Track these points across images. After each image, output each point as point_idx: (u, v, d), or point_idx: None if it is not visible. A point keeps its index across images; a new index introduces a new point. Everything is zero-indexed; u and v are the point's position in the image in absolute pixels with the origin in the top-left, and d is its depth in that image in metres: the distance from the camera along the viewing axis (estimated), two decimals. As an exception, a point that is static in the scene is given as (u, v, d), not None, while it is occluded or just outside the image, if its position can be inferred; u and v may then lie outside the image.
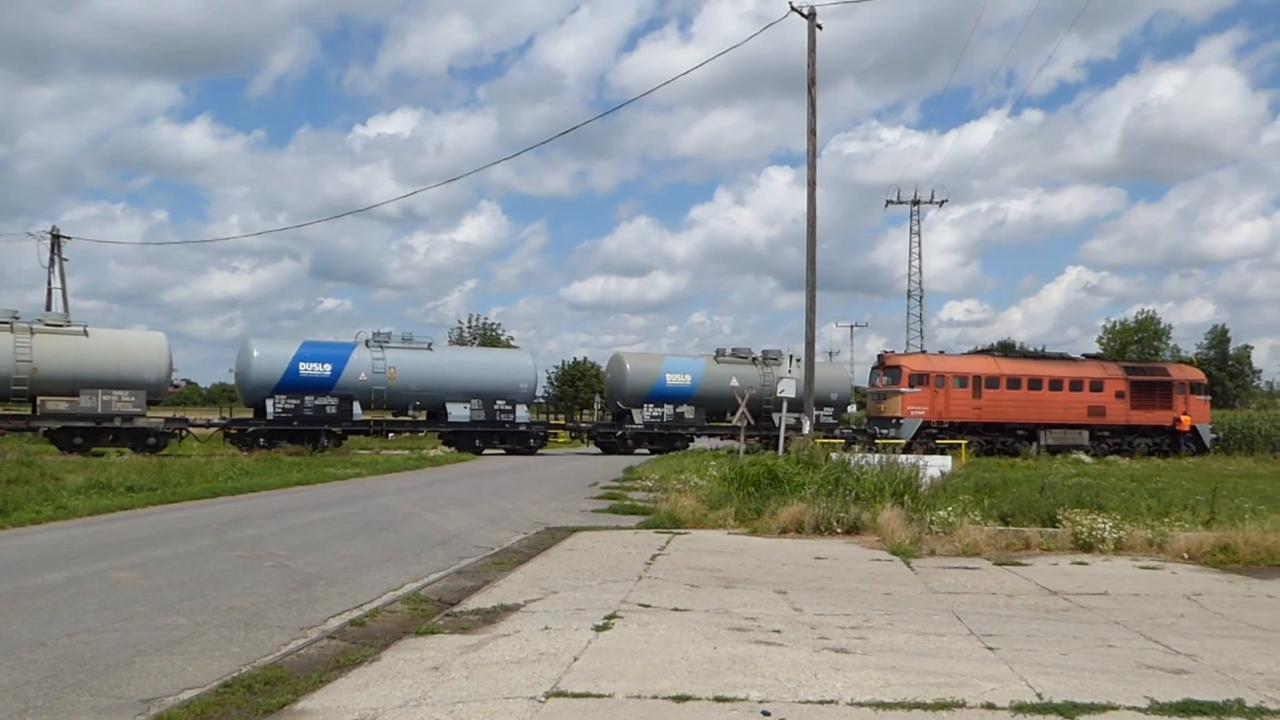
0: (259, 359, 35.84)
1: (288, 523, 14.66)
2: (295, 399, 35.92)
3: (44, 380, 31.92)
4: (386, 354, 37.64)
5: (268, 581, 9.66)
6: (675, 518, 14.96)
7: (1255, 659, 6.85)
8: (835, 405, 43.68)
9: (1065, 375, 42.23)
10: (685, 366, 41.73)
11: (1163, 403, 43.05)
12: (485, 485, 23.02)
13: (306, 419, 36.02)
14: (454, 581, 9.97)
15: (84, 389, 32.32)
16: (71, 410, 32.27)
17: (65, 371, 32.18)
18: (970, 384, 41.01)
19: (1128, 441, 42.48)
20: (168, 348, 34.98)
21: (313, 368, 36.27)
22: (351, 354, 37.16)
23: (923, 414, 40.15)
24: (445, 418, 38.66)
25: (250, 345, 36.47)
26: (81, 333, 33.28)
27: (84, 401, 32.31)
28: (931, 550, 12.19)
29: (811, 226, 23.97)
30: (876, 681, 5.98)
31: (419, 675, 6.21)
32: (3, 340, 31.48)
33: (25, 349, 31.63)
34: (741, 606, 8.46)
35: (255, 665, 6.52)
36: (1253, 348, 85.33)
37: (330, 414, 36.46)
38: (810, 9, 23.52)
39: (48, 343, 32.19)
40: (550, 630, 7.39)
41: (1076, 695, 5.72)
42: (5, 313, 32.42)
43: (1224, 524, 13.14)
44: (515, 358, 42.84)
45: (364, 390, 36.88)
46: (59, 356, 32.18)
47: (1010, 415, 41.21)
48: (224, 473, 23.01)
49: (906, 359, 43.00)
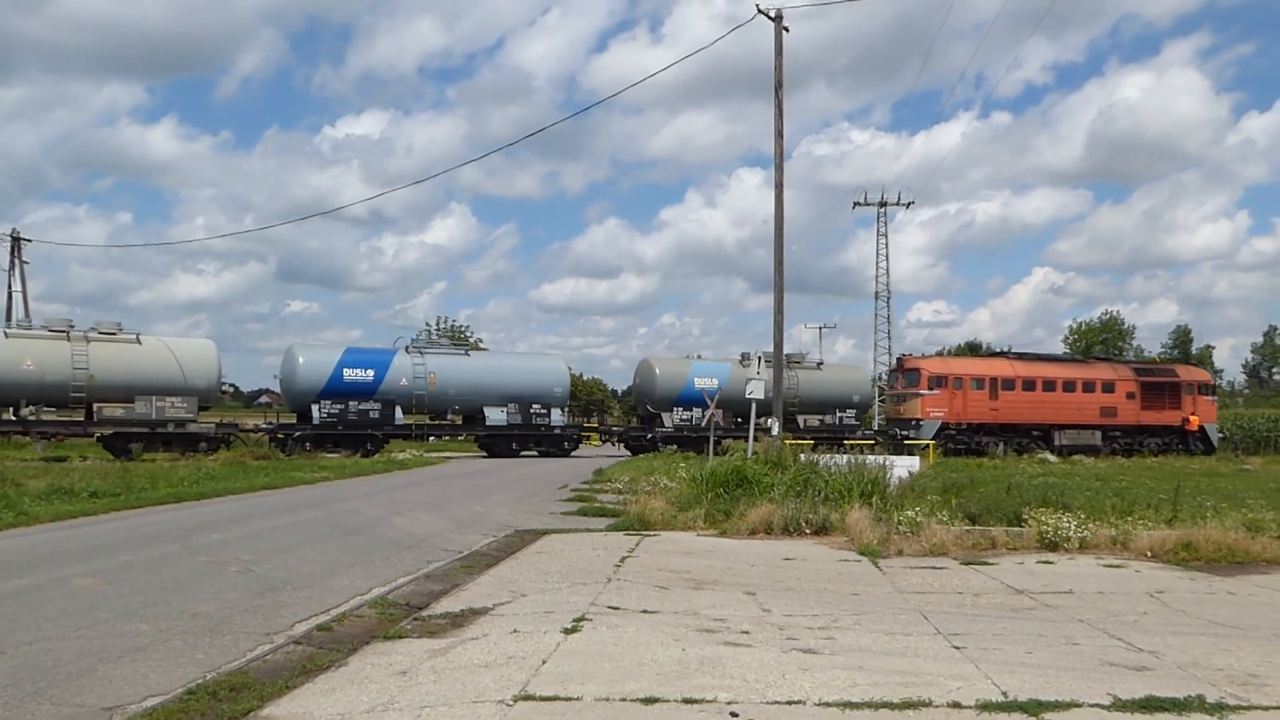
0: (304, 365, 36.65)
1: (254, 527, 14.53)
2: (340, 404, 36.78)
3: (100, 387, 32.62)
4: (426, 359, 38.58)
5: (233, 587, 9.57)
6: (645, 520, 14.96)
7: (1216, 655, 6.95)
8: (856, 407, 44.65)
9: (1078, 377, 43.20)
10: (712, 370, 42.53)
11: (1172, 403, 43.96)
12: (455, 488, 22.92)
13: (351, 423, 36.83)
14: (422, 585, 9.92)
15: (139, 395, 33.07)
16: (127, 416, 32.98)
17: (120, 378, 32.93)
18: (987, 386, 41.85)
19: (1138, 441, 43.33)
20: (217, 355, 35.89)
21: (356, 373, 37.11)
22: (393, 360, 37.99)
23: (942, 415, 40.97)
24: (482, 421, 39.44)
25: (296, 351, 37.33)
26: (135, 340, 34.05)
27: (139, 407, 33.08)
28: (899, 550, 12.27)
29: (779, 229, 24.06)
30: (844, 681, 6.01)
31: (386, 680, 6.18)
32: (60, 348, 32.30)
33: (82, 357, 32.37)
34: (710, 608, 8.48)
35: (220, 672, 6.46)
36: (1214, 348, 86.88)
37: (374, 418, 37.19)
38: (777, 12, 23.61)
39: (103, 350, 32.92)
40: (519, 633, 7.37)
41: (1041, 693, 5.78)
42: (61, 321, 33.35)
43: (1186, 522, 13.31)
44: (549, 362, 43.53)
45: (405, 395, 37.77)
46: (114, 364, 32.91)
47: (1026, 416, 42.03)
48: (189, 477, 22.77)
49: (925, 361, 44.09)
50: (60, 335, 32.71)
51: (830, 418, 43.39)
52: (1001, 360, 44.79)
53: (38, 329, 32.99)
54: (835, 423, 43.32)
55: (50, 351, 32.29)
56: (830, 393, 43.64)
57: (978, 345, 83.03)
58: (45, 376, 31.94)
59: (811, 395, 43.05)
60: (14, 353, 31.88)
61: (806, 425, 42.45)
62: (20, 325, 33.06)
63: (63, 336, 32.70)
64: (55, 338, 32.66)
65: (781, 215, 24.00)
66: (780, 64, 23.58)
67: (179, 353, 34.67)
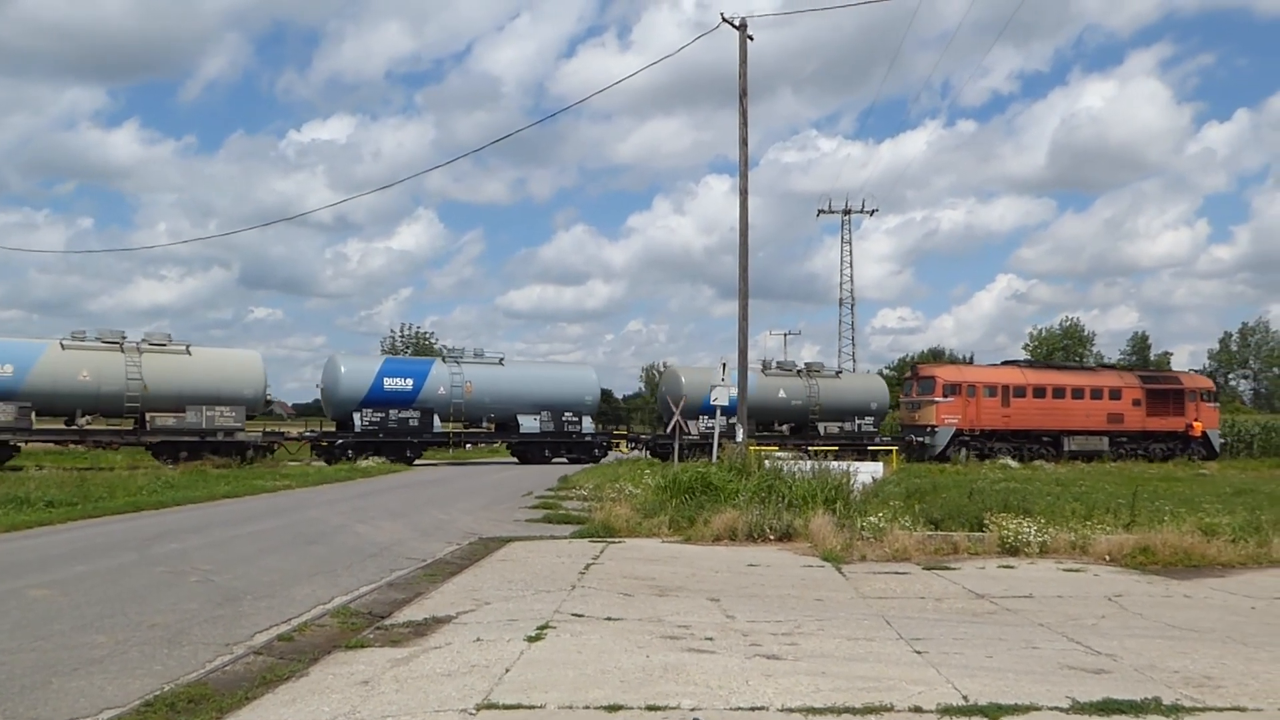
0: (346, 374, 38.01)
1: (214, 537, 14.37)
2: (380, 412, 37.96)
3: (153, 397, 33.56)
4: (463, 369, 39.80)
5: (192, 597, 9.46)
6: (609, 526, 14.96)
7: (1172, 658, 7.05)
8: (875, 414, 45.51)
9: (1086, 384, 44.33)
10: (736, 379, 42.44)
11: (1176, 410, 45.02)
12: (419, 496, 22.80)
13: (391, 431, 38.05)
14: (385, 594, 9.85)
15: (189, 405, 34.11)
16: (179, 425, 34.00)
17: (172, 388, 33.91)
18: (999, 393, 42.76)
19: (1144, 447, 44.33)
20: (263, 365, 37.08)
21: (396, 382, 38.36)
22: (430, 369, 39.46)
23: (956, 422, 41.85)
24: (516, 429, 40.46)
25: (338, 361, 38.82)
26: (185, 351, 35.24)
27: (189, 417, 34.11)
28: (862, 556, 12.35)
29: (744, 236, 24.17)
30: (807, 687, 6.03)
31: (348, 690, 6.13)
32: (114, 360, 33.29)
33: (135, 368, 33.43)
34: (674, 614, 8.48)
35: (179, 683, 6.37)
36: (1172, 354, 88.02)
37: (413, 426, 38.43)
38: (741, 20, 23.74)
39: (155, 361, 34.01)
40: (482, 642, 7.34)
41: (1001, 697, 5.83)
42: (113, 333, 34.23)
43: (1144, 527, 13.49)
44: (580, 372, 44.71)
45: (443, 403, 38.96)
46: (165, 374, 33.96)
47: (1036, 423, 43.05)
48: (148, 486, 22.49)
49: (940, 369, 45.26)
50: (114, 347, 33.66)
51: (849, 425, 44.51)
52: (1013, 368, 45.88)
53: (91, 341, 33.71)
54: (855, 430, 44.44)
55: (105, 363, 33.17)
56: (849, 401, 44.81)
57: (941, 352, 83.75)
58: (101, 387, 32.83)
59: (832, 403, 44.22)
60: (71, 364, 32.65)
61: (827, 432, 43.59)
62: (75, 336, 33.73)
63: (116, 348, 33.65)
64: (109, 349, 33.54)
65: (746, 222, 24.12)
66: (744, 72, 23.71)
67: (227, 363, 36.07)
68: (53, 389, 32.17)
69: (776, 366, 45.54)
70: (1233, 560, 12.08)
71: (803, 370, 45.09)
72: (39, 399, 32.07)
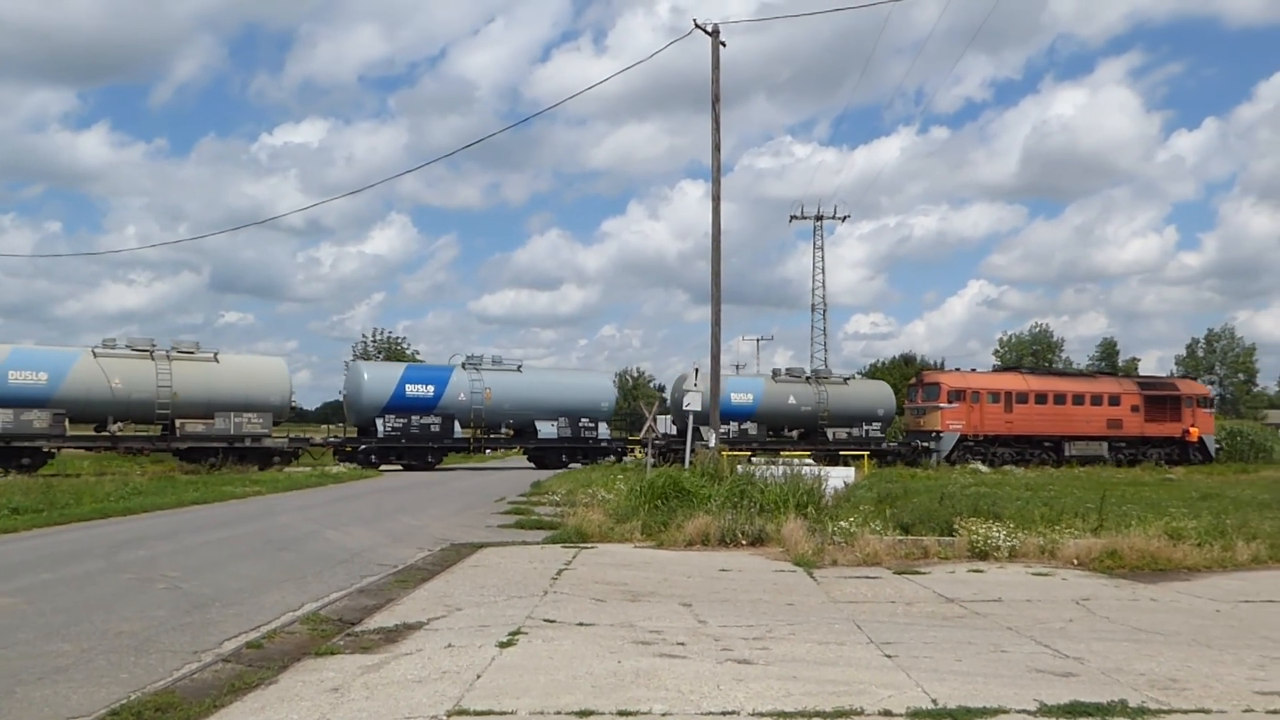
0: (369, 381, 38.53)
1: (182, 543, 14.24)
2: (403, 418, 38.31)
3: (183, 404, 33.87)
4: (483, 375, 40.10)
5: (160, 604, 9.37)
6: (582, 532, 14.94)
7: (1138, 661, 7.13)
8: (882, 420, 46.12)
9: (1086, 390, 45.10)
10: (747, 386, 44.39)
11: (1173, 416, 45.83)
12: (389, 502, 22.68)
13: (414, 437, 38.42)
14: (356, 600, 9.80)
15: (218, 411, 34.43)
16: (208, 432, 34.34)
17: (201, 395, 34.22)
18: (1002, 399, 43.51)
19: (1142, 452, 44.98)
20: (288, 372, 37.59)
21: (417, 389, 38.66)
22: (451, 376, 39.60)
23: (960, 428, 42.54)
24: (534, 435, 40.85)
25: (360, 369, 39.88)
26: (213, 359, 35.36)
27: (218, 423, 34.42)
28: (834, 560, 12.40)
29: (716, 242, 24.24)
30: (778, 691, 6.06)
31: (318, 697, 6.09)
32: (145, 367, 33.58)
33: (165, 375, 33.69)
34: (646, 620, 8.49)
35: (146, 691, 6.32)
36: (1140, 360, 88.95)
37: (434, 432, 38.77)
38: (714, 26, 23.83)
39: (185, 369, 34.25)
40: (453, 648, 7.32)
41: (970, 700, 5.88)
42: (144, 340, 34.48)
43: (1111, 531, 13.63)
44: (597, 379, 45.26)
45: (463, 410, 39.33)
46: (194, 381, 34.21)
47: (1038, 428, 43.76)
48: (115, 492, 22.21)
49: (945, 376, 45.63)
50: (144, 354, 33.96)
51: (858, 430, 44.98)
52: (1015, 375, 46.81)
53: (122, 348, 33.98)
54: (863, 435, 44.97)
55: (136, 370, 33.45)
56: (857, 407, 45.37)
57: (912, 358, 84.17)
58: (132, 394, 33.14)
59: (840, 409, 44.79)
60: (102, 372, 32.92)
61: (835, 438, 44.06)
62: (106, 344, 34.00)
63: (146, 355, 33.94)
64: (140, 357, 33.82)
65: (718, 228, 24.19)
66: (717, 78, 23.79)
67: (254, 370, 36.38)
68: (86, 396, 32.61)
69: (786, 373, 46.11)
70: (1198, 564, 12.22)
71: (811, 376, 45.78)
72: (72, 406, 32.49)
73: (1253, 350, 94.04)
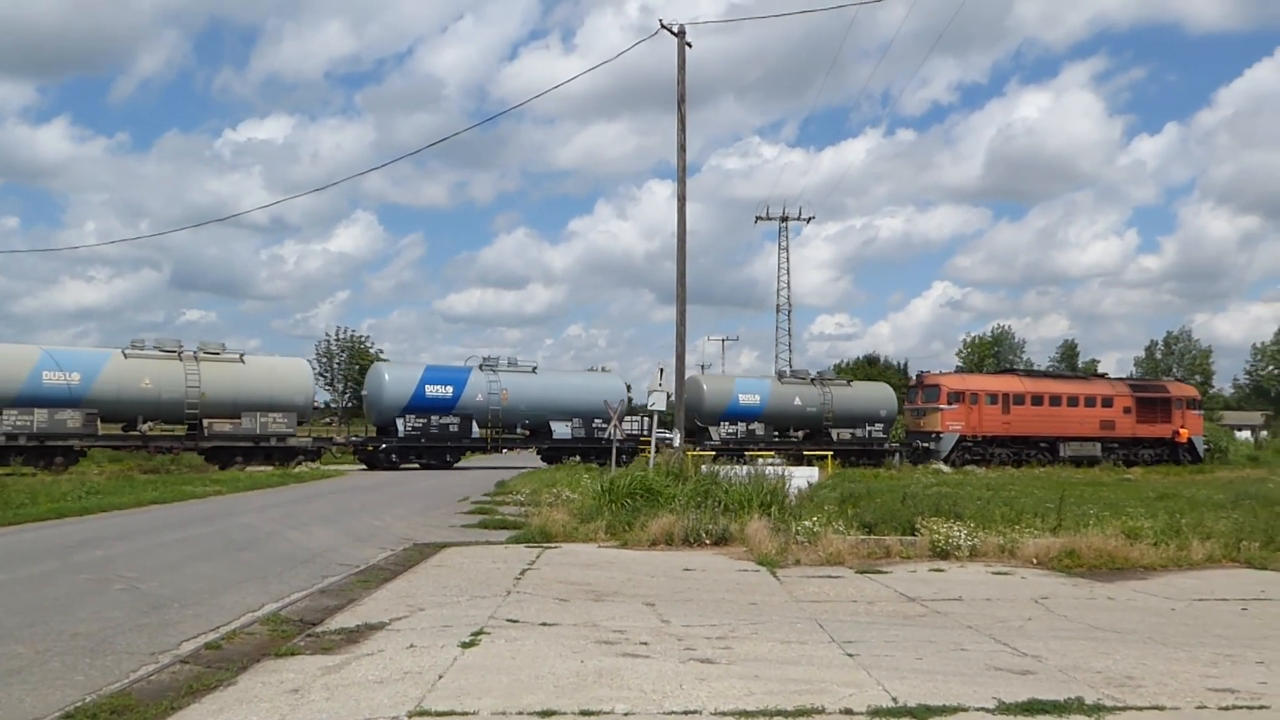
0: (390, 382, 39.20)
1: (140, 543, 14.06)
2: (423, 418, 39.12)
3: (211, 404, 34.84)
4: (500, 377, 40.92)
5: (117, 605, 9.25)
6: (546, 532, 14.91)
7: (1095, 659, 7.22)
8: (884, 421, 46.75)
9: (1080, 393, 46.04)
10: (754, 387, 45.29)
11: (1163, 417, 46.84)
12: (353, 502, 22.52)
13: (433, 437, 39.31)
14: (317, 601, 9.73)
15: (244, 411, 35.38)
16: (235, 431, 35.30)
17: (228, 396, 35.18)
18: (1000, 401, 44.31)
19: (1134, 452, 45.85)
20: (311, 373, 39.08)
21: (437, 390, 39.44)
22: (469, 377, 40.46)
23: (960, 429, 43.28)
24: (548, 435, 41.45)
25: (381, 370, 40.63)
26: (238, 360, 36.44)
27: (245, 423, 35.36)
28: (797, 560, 12.46)
29: (682, 242, 24.28)
30: (740, 690, 6.08)
31: (277, 698, 6.04)
32: (174, 368, 34.50)
33: (194, 376, 34.61)
34: (610, 619, 8.49)
35: (101, 694, 6.23)
36: (1099, 361, 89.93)
37: (453, 432, 39.64)
38: (680, 27, 23.86)
39: (212, 370, 35.21)
40: (416, 648, 7.28)
41: (929, 698, 5.93)
42: (172, 342, 35.48)
43: (1070, 530, 13.79)
44: (610, 380, 45.77)
45: (481, 410, 40.09)
46: (222, 382, 35.16)
47: (1035, 429, 44.60)
48: (72, 492, 21.92)
49: (945, 378, 46.28)
50: (173, 355, 34.85)
51: (860, 431, 45.68)
52: (1012, 377, 47.74)
53: (150, 350, 34.80)
54: (865, 436, 45.70)
55: (166, 371, 34.33)
56: (860, 408, 46.07)
57: (876, 359, 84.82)
58: (162, 395, 34.05)
59: (844, 411, 45.54)
60: (133, 372, 33.80)
61: (839, 439, 44.76)
62: (135, 345, 34.84)
63: (175, 357, 34.84)
64: (169, 358, 34.71)
65: (684, 228, 24.23)
66: (683, 79, 23.82)
67: (278, 371, 37.48)
68: (117, 396, 33.28)
69: (791, 374, 47.06)
70: (1154, 563, 12.40)
71: (816, 378, 46.59)
72: (104, 406, 33.09)
73: (1209, 353, 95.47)
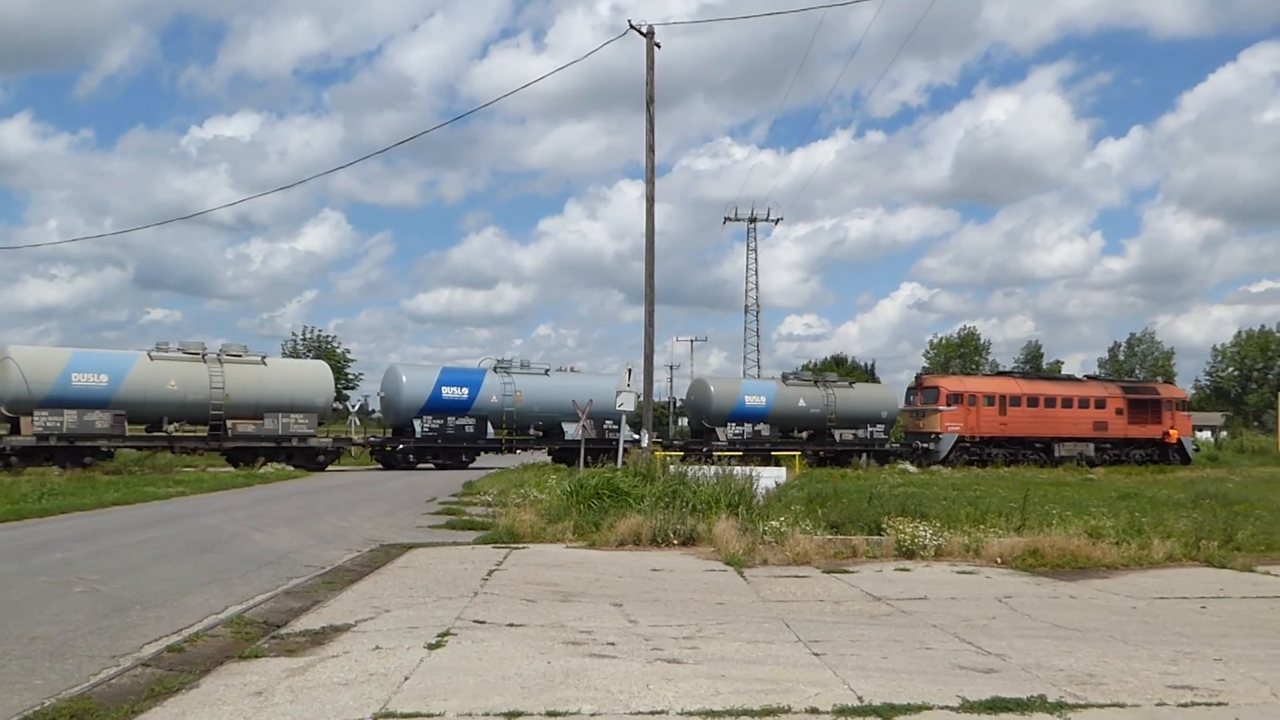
0: (408, 384, 39.65)
1: (102, 545, 13.88)
2: (439, 419, 39.73)
3: (234, 405, 35.23)
4: (514, 379, 41.57)
5: (77, 608, 9.13)
6: (514, 532, 14.87)
7: (1057, 657, 7.30)
8: (885, 422, 47.35)
9: (1074, 394, 46.92)
10: (760, 389, 46.25)
11: (1154, 418, 47.80)
12: (318, 502, 22.35)
13: (449, 437, 39.86)
14: (281, 603, 9.65)
15: (267, 413, 35.86)
16: (258, 432, 35.78)
17: (251, 397, 35.58)
18: (997, 402, 45.08)
19: (1125, 452, 46.72)
20: (331, 375, 39.73)
21: (453, 391, 40.04)
22: (484, 379, 41.09)
23: (958, 430, 43.99)
24: (560, 436, 41.82)
25: (398, 371, 40.76)
26: (260, 362, 36.96)
27: (267, 424, 35.86)
28: (764, 560, 12.50)
29: (650, 243, 24.30)
30: (706, 690, 6.09)
31: (240, 701, 5.98)
32: (199, 370, 34.99)
33: (218, 378, 35.04)
34: (577, 620, 8.48)
35: (61, 698, 6.15)
36: (1063, 363, 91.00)
37: (469, 433, 40.24)
38: (649, 28, 23.89)
39: (236, 371, 35.64)
40: (381, 650, 7.24)
41: (894, 697, 5.97)
42: (195, 344, 35.86)
43: (1033, 530, 13.93)
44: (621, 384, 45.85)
45: (495, 411, 40.78)
46: (245, 384, 35.58)
47: (1030, 430, 45.42)
48: (31, 493, 21.60)
49: (944, 380, 47.18)
50: (196, 357, 35.30)
51: (863, 432, 46.28)
52: (1009, 379, 48.38)
53: (174, 352, 35.20)
54: (867, 436, 46.31)
55: (190, 373, 34.77)
56: (862, 410, 46.65)
57: (843, 359, 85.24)
58: (186, 396, 34.47)
59: (847, 412, 46.12)
60: (159, 374, 34.20)
61: (842, 439, 45.49)
62: (160, 347, 35.21)
63: (198, 359, 35.30)
64: (193, 360, 35.16)
65: (652, 229, 24.26)
66: (651, 79, 23.85)
67: (300, 373, 38.62)
68: (143, 398, 33.71)
69: (794, 377, 47.60)
70: (1116, 562, 12.55)
71: (820, 380, 47.29)
72: (131, 407, 33.54)
73: (1171, 354, 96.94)
